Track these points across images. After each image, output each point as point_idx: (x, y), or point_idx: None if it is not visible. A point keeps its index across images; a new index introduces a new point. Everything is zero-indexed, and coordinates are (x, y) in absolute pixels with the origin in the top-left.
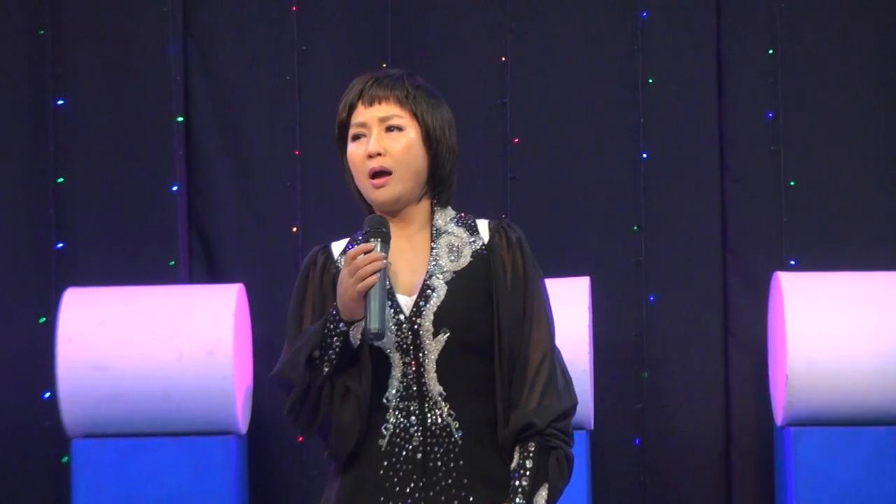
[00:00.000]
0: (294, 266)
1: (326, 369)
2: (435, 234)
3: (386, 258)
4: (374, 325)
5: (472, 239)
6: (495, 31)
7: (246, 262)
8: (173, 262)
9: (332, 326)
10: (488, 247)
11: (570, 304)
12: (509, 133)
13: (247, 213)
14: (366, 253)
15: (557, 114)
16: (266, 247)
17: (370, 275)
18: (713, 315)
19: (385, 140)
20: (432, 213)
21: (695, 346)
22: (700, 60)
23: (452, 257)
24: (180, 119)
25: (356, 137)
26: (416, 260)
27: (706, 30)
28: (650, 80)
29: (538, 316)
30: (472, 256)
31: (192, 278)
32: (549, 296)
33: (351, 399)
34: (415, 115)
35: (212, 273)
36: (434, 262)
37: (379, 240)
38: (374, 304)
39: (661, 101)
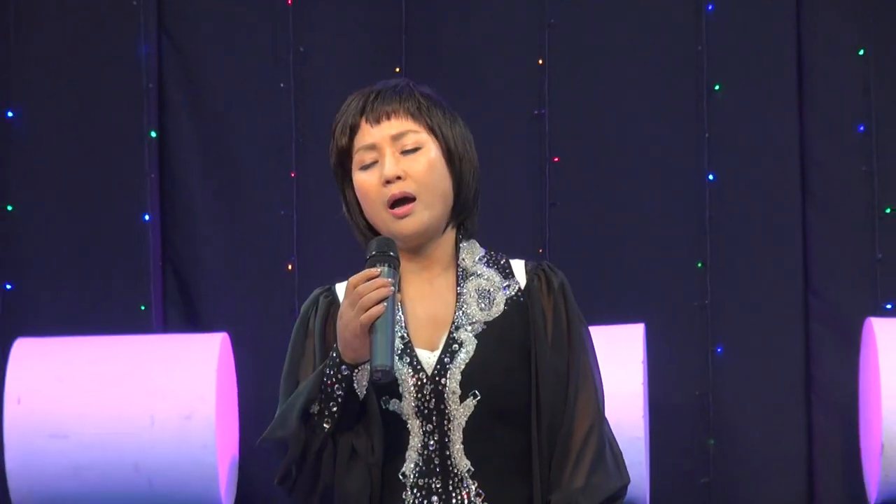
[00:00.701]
0: (290, 312)
1: (327, 426)
2: (461, 276)
3: (395, 285)
4: (379, 360)
5: (507, 283)
6: (530, 28)
7: (231, 306)
8: (144, 307)
9: (332, 372)
10: (526, 293)
11: (620, 358)
12: (548, 151)
13: (232, 248)
14: (369, 280)
15: (605, 127)
16: (255, 289)
17: (375, 303)
18: (793, 370)
19: (403, 162)
20: (457, 249)
21: (771, 409)
22: (777, 62)
23: (483, 305)
24: (153, 134)
25: (366, 166)
26: (440, 307)
27: (784, 26)
28: (717, 87)
29: (584, 377)
30: (506, 304)
31: (166, 326)
32: (595, 351)
33: (359, 464)
34: (432, 130)
35: (190, 320)
36: (461, 311)
37: (386, 265)
38: (381, 337)
39: (730, 112)
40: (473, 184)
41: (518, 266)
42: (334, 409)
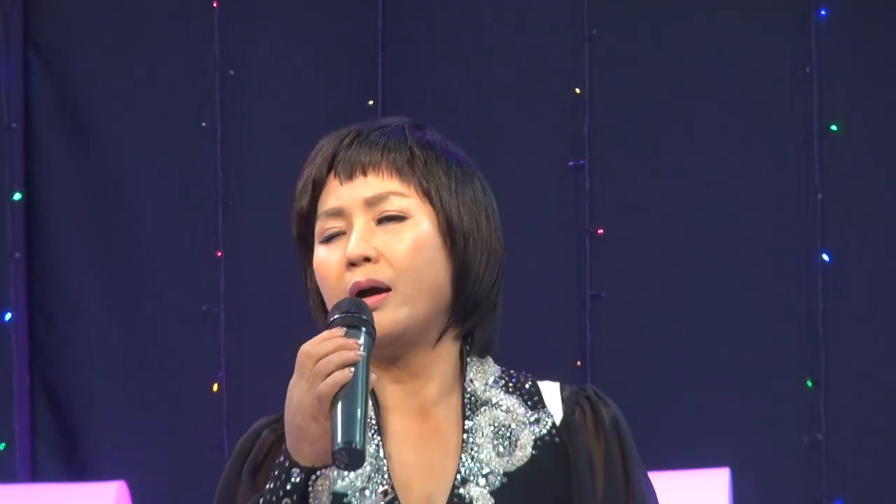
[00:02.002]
0: (215, 449)
1: None
2: (469, 406)
3: (366, 351)
4: (343, 437)
5: (535, 415)
6: (564, 44)
7: (131, 444)
8: (3, 445)
9: (277, 484)
10: (564, 430)
11: None
12: (588, 219)
13: (132, 360)
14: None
15: (670, 185)
16: (166, 417)
17: (337, 368)
18: None
19: (377, 236)
20: (462, 367)
21: None
22: None
23: (502, 447)
24: (17, 196)
25: (329, 238)
26: (439, 451)
27: None
28: (833, 126)
29: None
30: (535, 447)
31: (35, 472)
32: None
33: None
34: (426, 194)
35: (71, 463)
36: (470, 456)
37: (363, 330)
38: (346, 408)
39: (852, 162)
40: (487, 274)
41: (550, 392)
42: None
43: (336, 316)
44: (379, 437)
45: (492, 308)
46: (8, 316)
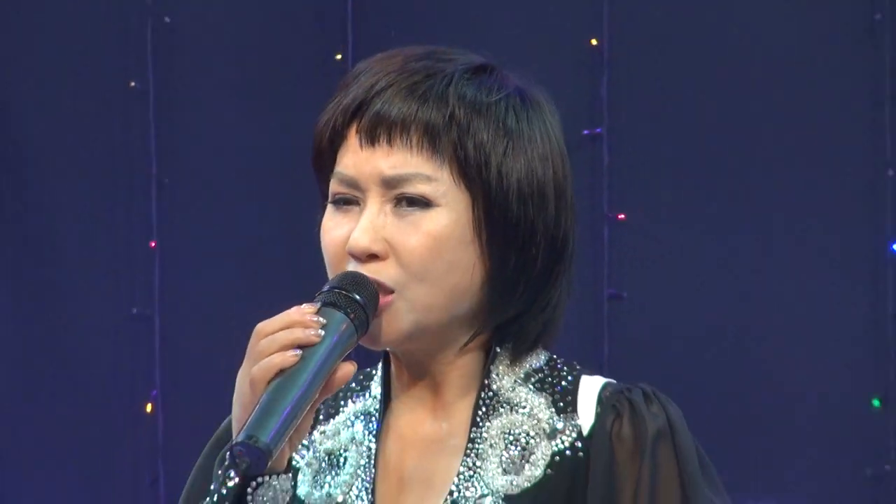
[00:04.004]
0: (149, 488)
1: None
2: (486, 405)
3: (330, 338)
4: (245, 432)
5: (558, 422)
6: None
7: (49, 476)
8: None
9: (216, 485)
10: (589, 442)
11: None
12: (606, 202)
13: (48, 378)
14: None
15: (705, 159)
16: (89, 449)
17: (280, 349)
18: None
19: (391, 224)
20: (487, 363)
21: None
22: None
23: (509, 463)
24: None
25: (339, 200)
26: (439, 462)
27: None
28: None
29: None
30: (551, 464)
31: None
32: None
33: None
34: (462, 174)
35: None
36: (470, 472)
37: (345, 312)
38: (269, 400)
39: None
40: (539, 261)
41: (589, 390)
42: None
43: (322, 290)
44: (375, 443)
45: (544, 306)
46: None
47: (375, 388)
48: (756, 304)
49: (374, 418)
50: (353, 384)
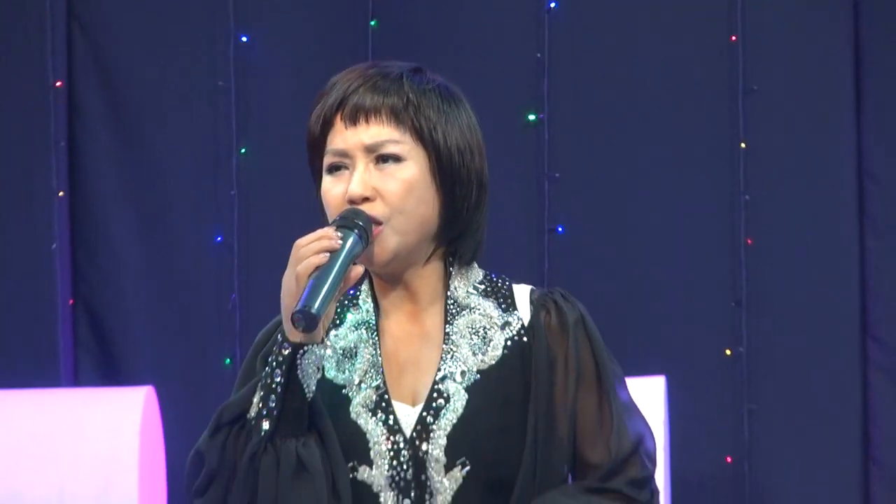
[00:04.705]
0: (231, 357)
1: (266, 425)
2: (452, 311)
3: (347, 245)
4: (301, 304)
5: (507, 318)
6: (526, 14)
7: (158, 354)
8: (50, 355)
9: (272, 359)
10: (530, 331)
11: None
12: (547, 164)
13: (159, 283)
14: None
15: (618, 135)
16: (188, 332)
17: (314, 253)
18: (848, 432)
19: (375, 176)
20: (447, 278)
21: (820, 479)
22: (829, 57)
23: (477, 347)
24: (62, 145)
25: (333, 169)
26: (425, 350)
27: (839, 13)
28: (755, 87)
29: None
30: (506, 347)
31: (77, 378)
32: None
33: (307, 483)
34: (419, 136)
35: (107, 371)
36: (449, 356)
37: (353, 230)
38: (314, 282)
39: (771, 117)
40: (472, 203)
41: (522, 295)
42: (273, 403)
43: (336, 219)
44: (377, 338)
45: (475, 224)
46: (54, 245)
47: (365, 304)
48: (651, 236)
49: (372, 324)
50: (346, 302)
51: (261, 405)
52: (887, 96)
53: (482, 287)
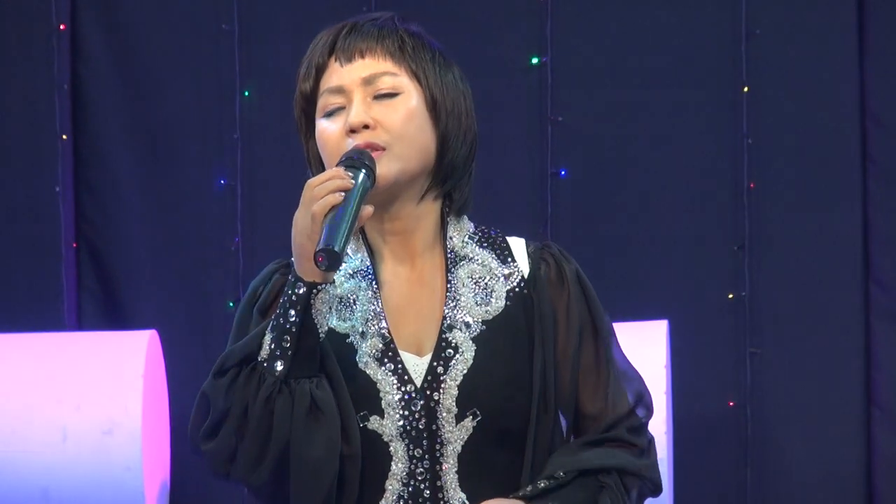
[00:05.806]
0: (235, 300)
1: (280, 366)
2: (451, 260)
3: (358, 184)
4: (323, 243)
5: (507, 270)
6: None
7: (161, 297)
8: (53, 298)
9: (285, 298)
10: (531, 283)
11: (639, 362)
12: (549, 108)
13: (162, 226)
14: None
15: (620, 78)
16: (191, 275)
17: (329, 193)
18: (850, 376)
19: (374, 109)
20: (444, 225)
21: (822, 422)
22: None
23: (479, 298)
24: (65, 87)
25: (330, 113)
26: (427, 298)
27: None
28: (758, 31)
29: (623, 381)
30: (508, 298)
31: (81, 322)
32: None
33: (322, 425)
34: (415, 75)
35: (111, 314)
36: (454, 304)
37: (361, 170)
38: (332, 221)
39: (774, 61)
40: (464, 146)
41: (518, 247)
42: (287, 344)
43: (342, 159)
44: (376, 286)
45: (467, 174)
46: (57, 188)
47: (359, 253)
48: (654, 181)
49: (369, 272)
50: None
51: (273, 346)
52: (891, 38)
53: (476, 237)
